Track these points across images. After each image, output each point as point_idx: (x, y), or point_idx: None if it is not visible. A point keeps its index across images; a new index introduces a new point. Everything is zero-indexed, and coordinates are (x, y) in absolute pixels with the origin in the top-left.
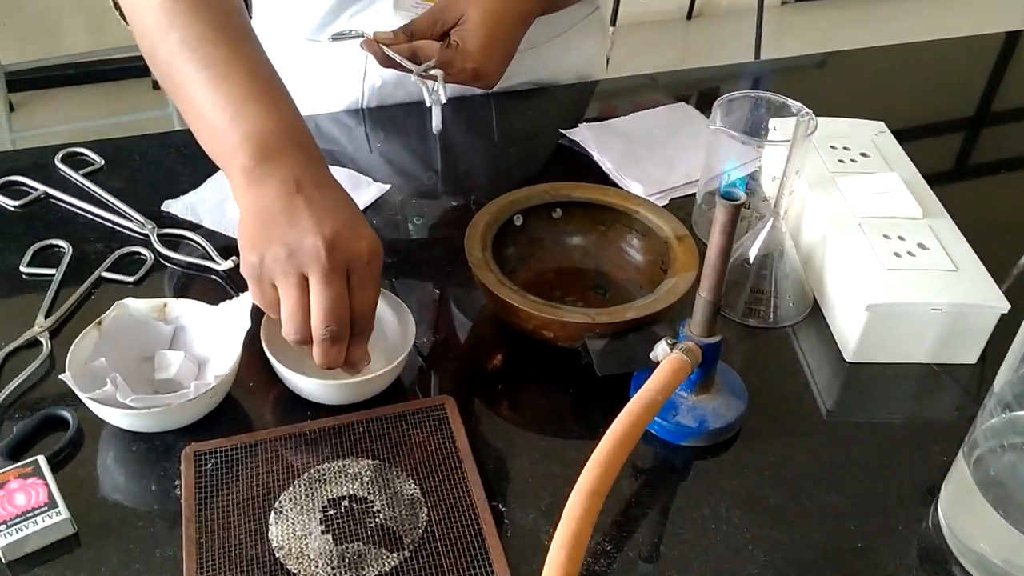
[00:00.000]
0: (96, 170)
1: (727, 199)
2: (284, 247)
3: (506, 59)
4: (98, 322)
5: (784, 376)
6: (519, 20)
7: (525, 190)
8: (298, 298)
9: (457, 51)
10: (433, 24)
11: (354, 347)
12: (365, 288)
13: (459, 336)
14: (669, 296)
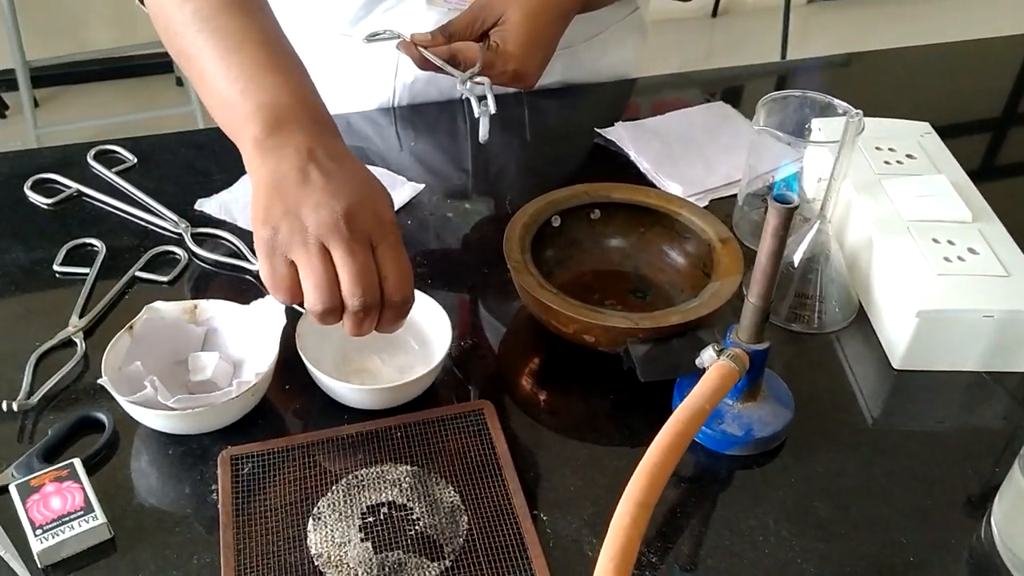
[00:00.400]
0: (128, 168)
1: (780, 202)
2: (300, 219)
3: (546, 59)
4: (129, 326)
5: (830, 383)
6: (559, 19)
7: (563, 191)
8: (322, 269)
9: (497, 53)
10: (472, 24)
11: (392, 314)
12: (393, 256)
13: (496, 339)
14: (714, 301)
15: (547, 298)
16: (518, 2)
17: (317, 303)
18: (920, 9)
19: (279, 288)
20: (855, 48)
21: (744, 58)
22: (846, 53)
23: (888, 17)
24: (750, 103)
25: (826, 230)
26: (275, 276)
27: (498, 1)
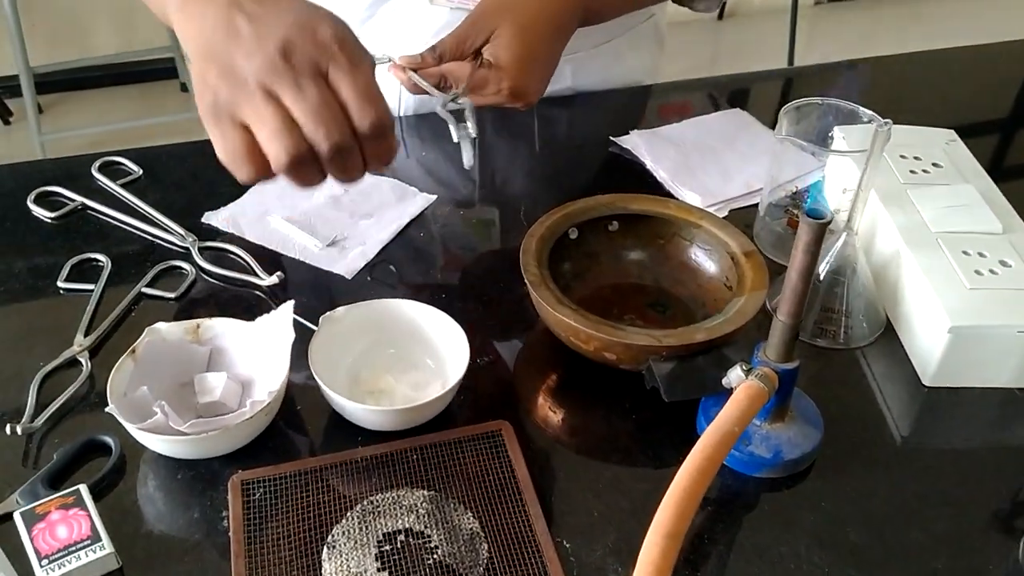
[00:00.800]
0: (134, 180)
1: (813, 217)
2: (236, 74)
3: (545, 75)
4: (132, 350)
5: (858, 401)
6: (556, 32)
7: (580, 202)
8: (273, 114)
9: (491, 70)
10: (462, 43)
11: (374, 146)
12: (349, 80)
13: (513, 356)
14: (739, 317)
15: (566, 314)
16: (509, 16)
17: (281, 153)
18: (928, 10)
19: (236, 157)
20: (863, 50)
21: (751, 61)
22: (859, 58)
23: (896, 19)
24: (759, 109)
25: (853, 242)
26: (227, 145)
27: (488, 17)
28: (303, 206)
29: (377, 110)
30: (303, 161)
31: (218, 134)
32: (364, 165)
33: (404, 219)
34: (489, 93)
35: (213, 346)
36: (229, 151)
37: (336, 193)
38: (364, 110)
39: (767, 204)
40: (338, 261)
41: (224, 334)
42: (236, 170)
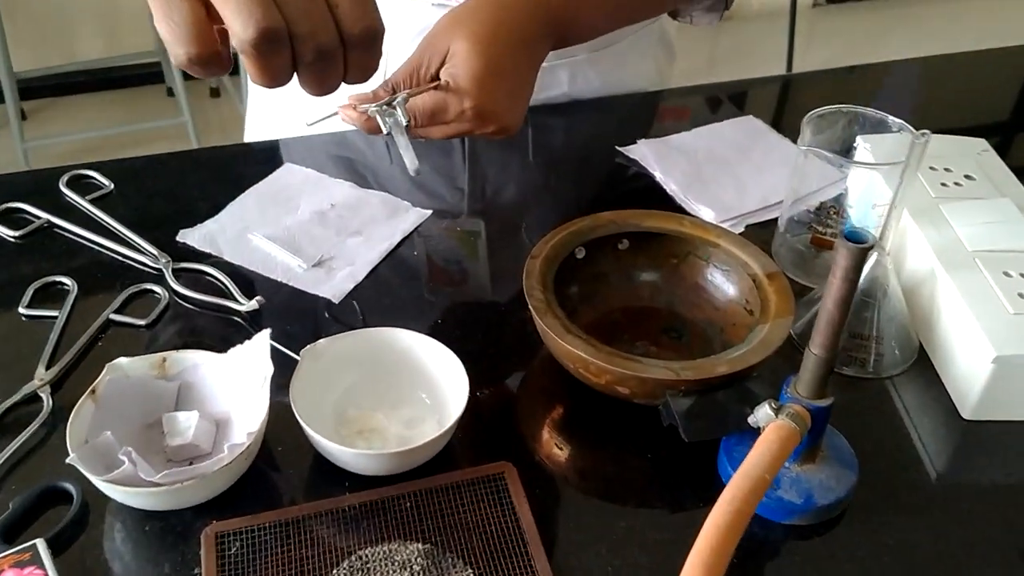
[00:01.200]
0: (104, 195)
1: (853, 240)
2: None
3: (514, 92)
4: (92, 390)
5: (892, 437)
6: (520, 45)
7: (587, 219)
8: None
9: (449, 91)
10: (416, 69)
11: (359, 55)
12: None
13: (517, 389)
14: (764, 347)
15: (575, 345)
16: (463, 30)
17: (248, 24)
18: (927, 12)
19: (181, 27)
20: (862, 53)
21: (749, 64)
22: (874, 63)
23: (895, 21)
24: (767, 115)
25: (884, 263)
26: (173, 11)
27: (440, 35)
28: (286, 222)
29: (370, 15)
30: (274, 41)
31: (164, 7)
32: (343, 75)
33: (396, 236)
34: (452, 119)
35: (182, 381)
36: (175, 20)
37: (322, 208)
38: (357, 12)
39: (787, 219)
40: (324, 283)
41: (194, 368)
42: (178, 46)
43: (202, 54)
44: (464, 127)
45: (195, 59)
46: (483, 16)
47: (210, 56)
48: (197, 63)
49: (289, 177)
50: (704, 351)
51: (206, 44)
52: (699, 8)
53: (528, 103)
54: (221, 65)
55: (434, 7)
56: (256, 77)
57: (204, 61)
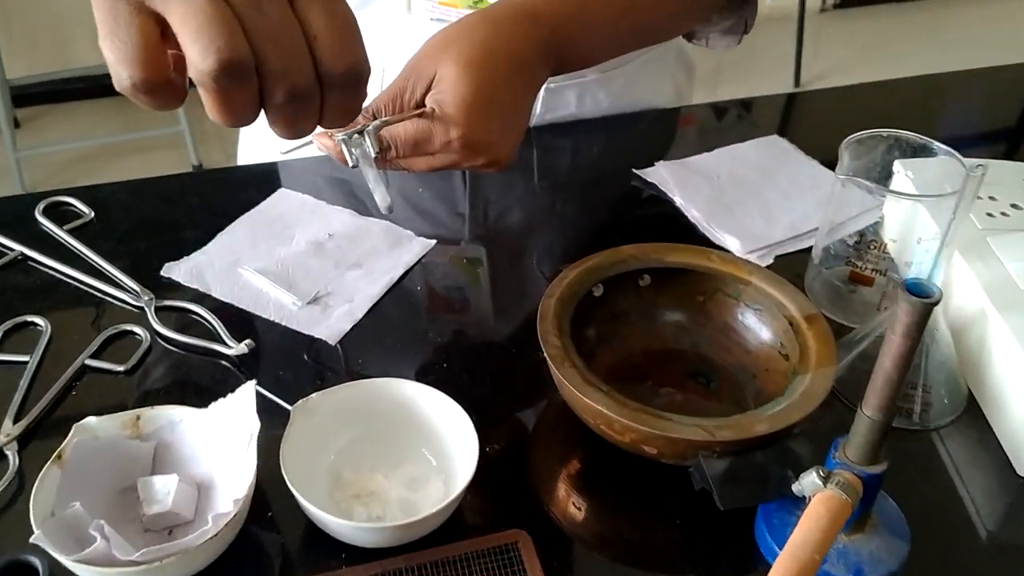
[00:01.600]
0: (84, 224)
1: (916, 294)
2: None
3: (507, 121)
4: (57, 455)
5: (940, 495)
6: (515, 70)
7: (607, 254)
8: (209, 5)
9: (434, 119)
10: (400, 94)
11: (339, 97)
12: (324, 5)
13: (530, 442)
14: (806, 401)
15: (596, 399)
16: (451, 53)
17: (208, 51)
18: (937, 16)
19: (128, 48)
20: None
21: (757, 69)
22: (897, 79)
23: (905, 26)
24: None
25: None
26: (120, 28)
27: (426, 58)
28: (280, 254)
29: (354, 52)
30: (237, 76)
31: (108, 15)
32: (319, 119)
33: (398, 269)
34: (437, 149)
35: (159, 441)
36: (120, 37)
37: (319, 239)
38: (339, 48)
39: (822, 251)
40: (320, 322)
41: (171, 426)
42: (121, 68)
43: (149, 79)
44: (451, 159)
45: (140, 85)
46: (475, 37)
47: (158, 83)
48: (143, 90)
49: (284, 204)
50: (735, 399)
51: (154, 69)
52: (716, 31)
53: (523, 134)
54: (173, 95)
55: (432, 22)
56: (213, 114)
57: (151, 88)
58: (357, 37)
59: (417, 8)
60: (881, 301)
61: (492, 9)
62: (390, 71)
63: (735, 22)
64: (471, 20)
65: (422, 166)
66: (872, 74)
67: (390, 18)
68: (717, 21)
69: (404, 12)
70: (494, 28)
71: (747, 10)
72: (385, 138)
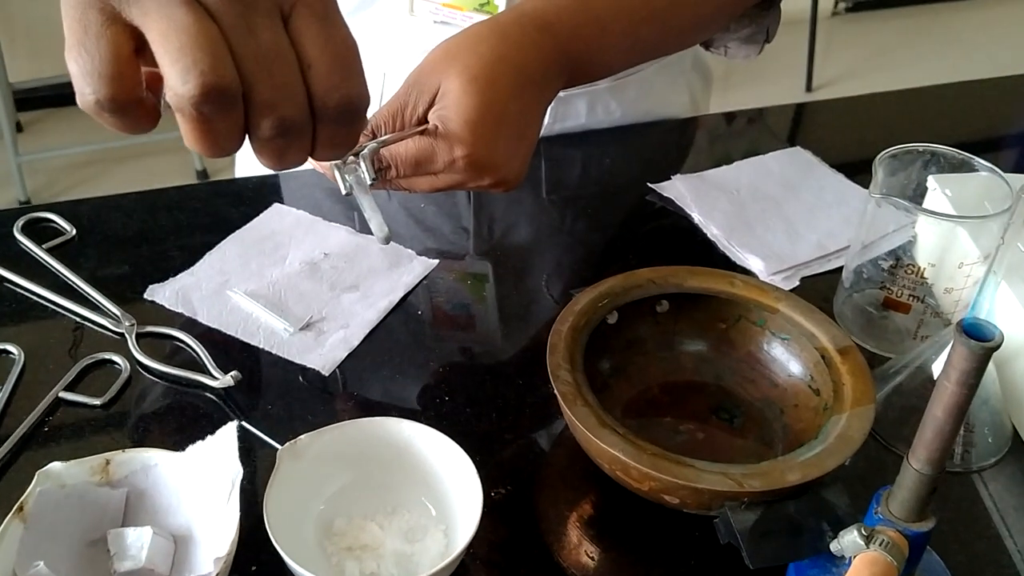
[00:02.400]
0: (65, 242)
1: (974, 337)
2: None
3: (515, 140)
4: (19, 507)
5: (985, 546)
6: (525, 84)
7: (621, 279)
8: (197, 23)
9: (438, 137)
10: (401, 110)
11: (333, 130)
12: (322, 24)
13: (540, 488)
14: (843, 446)
15: (611, 442)
16: (456, 67)
17: (189, 76)
18: (949, 20)
19: (97, 65)
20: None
21: (768, 73)
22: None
23: (917, 29)
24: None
25: None
26: (89, 43)
27: (430, 72)
28: (272, 275)
29: (351, 83)
30: (220, 104)
31: (77, 23)
32: (311, 151)
33: (398, 292)
34: (441, 169)
35: (131, 488)
36: (88, 49)
37: (314, 258)
38: (334, 79)
39: (853, 273)
40: (313, 350)
41: (145, 471)
42: (85, 83)
43: (116, 97)
44: (455, 179)
45: (105, 102)
46: (482, 50)
47: (126, 102)
48: (108, 108)
49: (277, 220)
50: (762, 437)
51: (122, 86)
52: (734, 39)
53: (532, 151)
54: (143, 116)
55: (436, 24)
56: (190, 141)
57: (118, 107)
58: (356, 66)
59: (420, 10)
60: (918, 329)
61: (499, 18)
62: (391, 76)
63: (755, 30)
64: (477, 30)
65: (424, 186)
66: (885, 78)
67: (392, 20)
68: (735, 28)
69: (406, 14)
70: (502, 39)
71: (769, 17)
72: (385, 157)
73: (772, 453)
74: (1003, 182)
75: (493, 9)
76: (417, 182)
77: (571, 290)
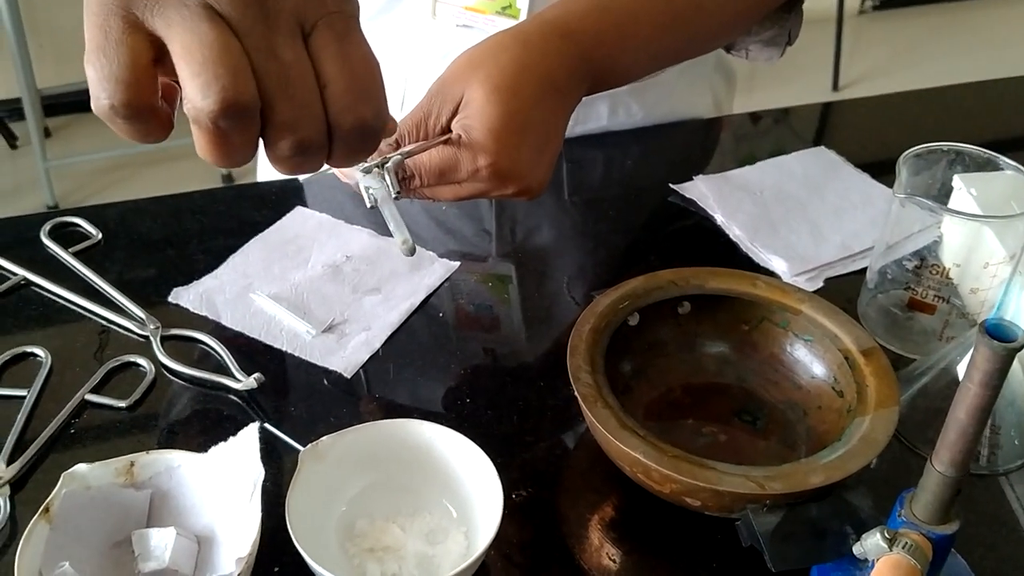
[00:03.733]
0: (92, 245)
1: (997, 338)
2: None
3: (539, 148)
4: (45, 508)
5: (1013, 549)
6: (548, 93)
7: (641, 280)
8: (220, 38)
9: (461, 146)
10: (425, 119)
11: (348, 147)
12: (342, 43)
13: (561, 490)
14: (866, 448)
15: (632, 444)
16: (480, 75)
17: (210, 91)
18: (979, 17)
19: (116, 71)
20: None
21: (794, 72)
22: (946, 86)
23: (945, 27)
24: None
25: None
26: (109, 49)
27: (453, 81)
28: (294, 278)
29: (368, 104)
30: (239, 120)
31: (98, 29)
32: (326, 160)
33: (419, 294)
34: (464, 178)
35: (155, 489)
36: (107, 54)
37: (336, 261)
38: (351, 100)
39: (877, 274)
40: (335, 353)
41: (169, 472)
42: (100, 87)
43: (131, 103)
44: (479, 188)
45: (120, 108)
46: (504, 59)
47: (140, 108)
48: (123, 114)
49: (300, 224)
50: (784, 439)
51: (138, 92)
52: (756, 42)
53: (555, 159)
54: (157, 124)
55: (458, 28)
56: (204, 152)
57: (132, 113)
58: (372, 86)
59: (442, 14)
60: (943, 330)
61: (522, 27)
62: (412, 81)
63: (777, 32)
64: (500, 39)
65: (448, 195)
66: (913, 77)
67: (414, 24)
68: (756, 31)
69: (429, 18)
70: (524, 48)
71: (791, 20)
72: (408, 167)
73: (795, 455)
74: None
75: (515, 12)
76: (441, 191)
77: (593, 292)
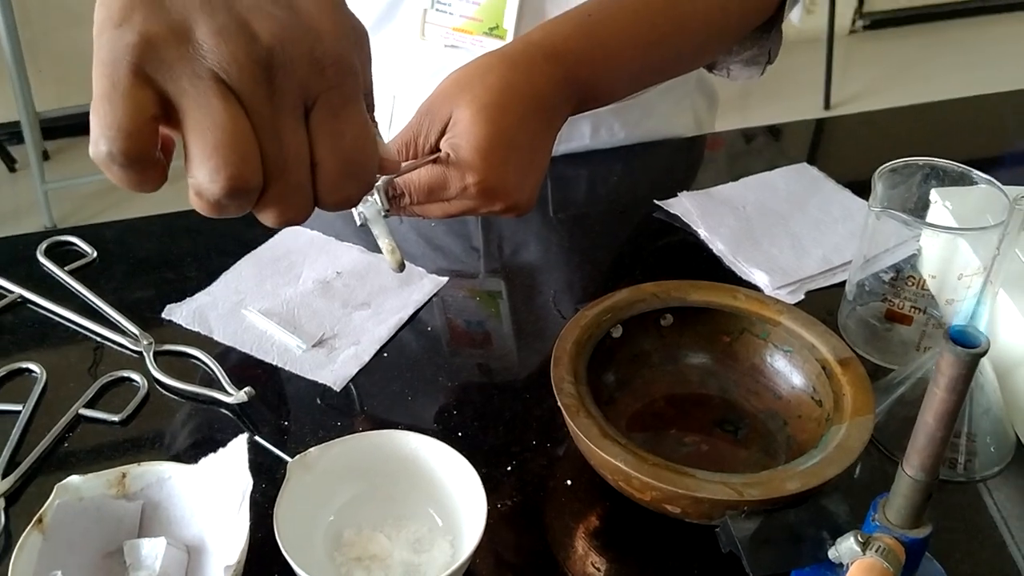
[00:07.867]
0: (86, 264)
1: (961, 343)
2: (192, 37)
3: (526, 166)
4: (38, 519)
5: (990, 554)
6: (536, 112)
7: (625, 292)
8: (235, 119)
9: (449, 164)
10: (413, 139)
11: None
12: (338, 123)
13: (545, 500)
14: (842, 455)
15: (614, 454)
16: (468, 95)
17: (218, 175)
18: (969, 36)
19: (115, 126)
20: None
21: (785, 92)
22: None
23: (937, 46)
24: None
25: None
26: (113, 107)
27: (441, 101)
28: (286, 294)
29: (352, 184)
30: (242, 198)
31: (106, 79)
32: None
33: (408, 309)
34: (453, 195)
35: (146, 500)
36: (113, 102)
37: (327, 276)
38: (337, 180)
39: (856, 287)
40: (325, 367)
41: (159, 483)
42: (100, 134)
43: (130, 151)
44: (467, 205)
45: (118, 155)
46: (491, 79)
47: (138, 157)
48: (120, 162)
49: (292, 240)
50: (765, 448)
51: (139, 143)
52: (737, 61)
53: (542, 177)
54: (153, 175)
55: (446, 48)
56: (199, 210)
57: (130, 161)
58: (362, 167)
59: (431, 34)
60: (920, 341)
61: (508, 48)
62: (401, 99)
63: (757, 52)
64: (487, 60)
65: (437, 213)
66: (904, 96)
67: (403, 44)
68: (737, 51)
69: (417, 38)
70: (511, 68)
71: (771, 39)
72: (398, 185)
73: (776, 464)
74: (1001, 194)
75: (502, 33)
76: (430, 209)
77: (579, 306)
